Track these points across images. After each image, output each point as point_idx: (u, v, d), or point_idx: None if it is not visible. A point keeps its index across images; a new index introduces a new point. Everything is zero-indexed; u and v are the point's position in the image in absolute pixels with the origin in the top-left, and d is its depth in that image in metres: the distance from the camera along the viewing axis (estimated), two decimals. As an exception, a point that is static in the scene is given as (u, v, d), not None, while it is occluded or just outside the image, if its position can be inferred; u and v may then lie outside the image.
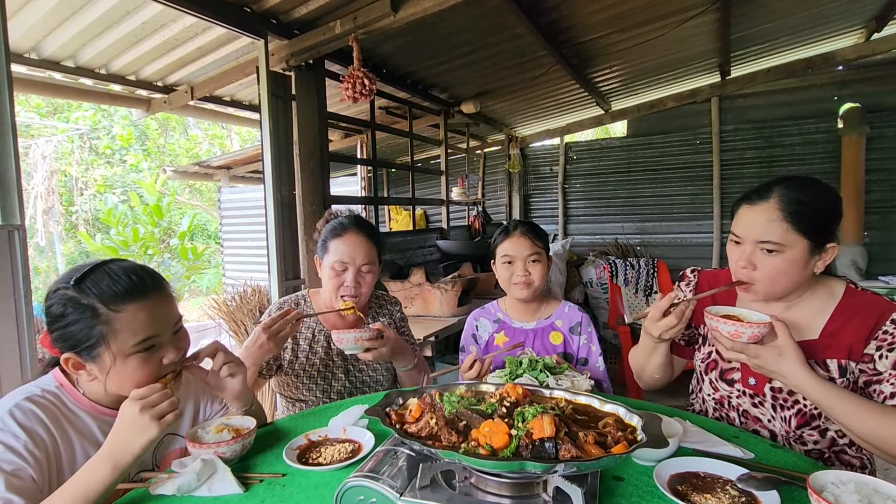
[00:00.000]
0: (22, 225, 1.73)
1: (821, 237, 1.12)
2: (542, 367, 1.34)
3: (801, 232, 1.10)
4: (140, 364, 0.99)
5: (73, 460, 1.00)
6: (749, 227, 1.16)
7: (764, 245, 1.13)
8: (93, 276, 0.98)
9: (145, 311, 0.99)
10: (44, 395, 1.01)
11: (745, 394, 1.27)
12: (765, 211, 1.14)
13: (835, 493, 0.79)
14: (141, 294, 0.99)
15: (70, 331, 0.96)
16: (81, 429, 1.03)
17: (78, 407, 1.04)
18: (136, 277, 1.01)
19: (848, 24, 3.98)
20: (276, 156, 2.79)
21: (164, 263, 7.30)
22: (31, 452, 0.93)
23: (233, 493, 0.95)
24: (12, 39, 2.74)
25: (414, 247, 4.40)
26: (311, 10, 2.56)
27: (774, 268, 1.13)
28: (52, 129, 9.00)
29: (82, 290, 0.96)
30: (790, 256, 1.12)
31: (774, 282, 1.15)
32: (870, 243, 4.50)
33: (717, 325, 1.13)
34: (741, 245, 1.19)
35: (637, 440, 0.82)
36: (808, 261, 1.13)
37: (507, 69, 3.85)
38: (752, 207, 1.17)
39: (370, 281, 1.66)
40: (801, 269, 1.13)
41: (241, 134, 11.58)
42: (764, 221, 1.13)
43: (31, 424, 0.95)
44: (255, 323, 3.34)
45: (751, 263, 1.16)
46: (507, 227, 1.73)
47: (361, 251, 1.62)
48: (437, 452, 0.77)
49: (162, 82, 3.56)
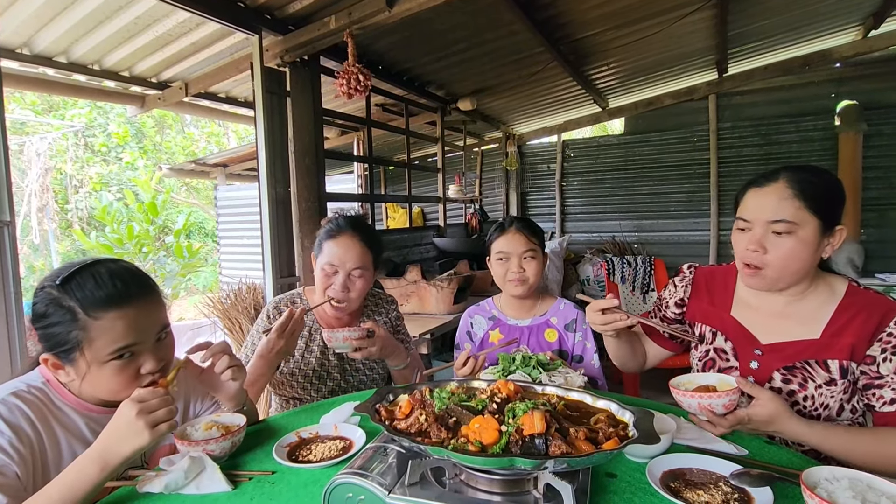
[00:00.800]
0: (12, 221, 1.71)
1: (831, 216, 1.10)
2: (535, 363, 1.33)
3: (813, 210, 1.09)
4: (116, 372, 0.98)
5: (59, 457, 0.99)
6: (759, 208, 1.14)
7: (776, 225, 1.11)
8: (79, 277, 0.96)
9: (125, 320, 0.96)
10: (29, 390, 1.00)
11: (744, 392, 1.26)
12: (775, 190, 1.12)
13: (828, 489, 0.78)
14: (122, 302, 0.97)
15: (50, 332, 0.96)
16: (68, 425, 1.02)
17: (64, 403, 1.03)
18: (121, 283, 0.98)
19: (845, 21, 3.97)
20: (271, 153, 2.78)
21: (160, 261, 7.28)
22: (16, 448, 0.91)
23: (221, 490, 0.94)
24: (3, 35, 2.71)
25: (410, 244, 4.39)
26: (306, 5, 2.54)
27: (787, 250, 1.10)
28: (47, 126, 8.95)
29: (66, 291, 0.95)
30: (803, 236, 1.09)
31: (786, 265, 1.12)
32: (867, 241, 4.51)
33: (682, 399, 1.07)
34: (750, 230, 1.16)
35: (629, 436, 0.81)
36: (819, 243, 1.11)
37: (504, 66, 3.84)
38: (761, 189, 1.15)
39: (361, 287, 1.60)
40: (813, 251, 1.11)
41: (237, 132, 11.54)
42: (775, 200, 1.11)
43: (15, 420, 0.94)
44: (251, 321, 3.33)
45: (762, 246, 1.13)
46: (503, 224, 1.72)
47: (353, 255, 1.57)
48: (426, 449, 0.76)
49: (156, 79, 3.54)
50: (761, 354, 1.23)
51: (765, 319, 1.24)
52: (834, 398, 1.15)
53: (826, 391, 1.15)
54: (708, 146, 5.21)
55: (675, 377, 1.16)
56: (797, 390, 1.18)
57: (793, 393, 1.18)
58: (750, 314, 1.27)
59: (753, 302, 1.27)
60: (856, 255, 4.30)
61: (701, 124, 5.27)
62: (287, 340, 1.43)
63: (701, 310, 1.36)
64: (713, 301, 1.34)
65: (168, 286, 6.98)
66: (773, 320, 1.23)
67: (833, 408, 1.16)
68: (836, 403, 1.15)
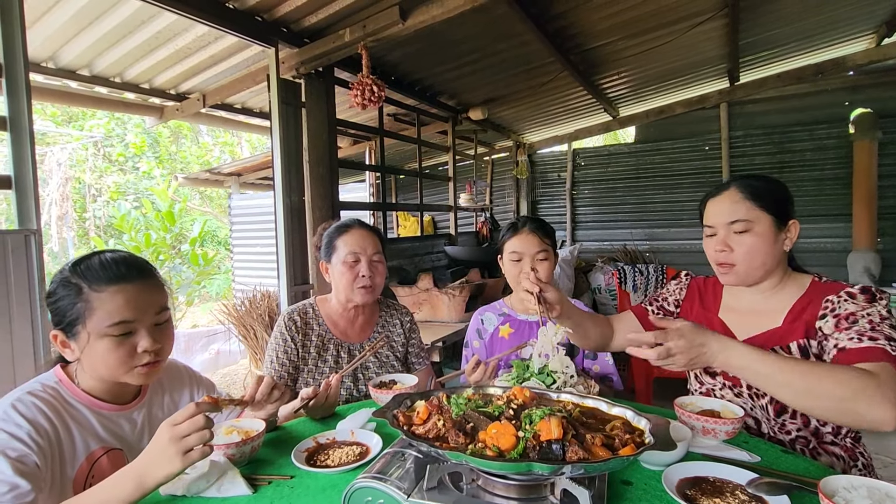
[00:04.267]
0: (38, 230, 1.77)
1: (781, 213, 1.23)
2: (549, 371, 1.34)
3: (763, 208, 1.22)
4: (113, 347, 1.02)
5: (74, 449, 1.04)
6: (718, 214, 1.29)
7: (734, 225, 1.24)
8: (88, 260, 1.06)
9: (124, 294, 1.03)
10: (44, 389, 1.05)
11: (726, 385, 1.31)
12: (727, 196, 1.27)
13: (846, 497, 0.78)
14: (123, 278, 1.04)
15: (57, 306, 1.03)
16: (81, 420, 1.07)
17: (76, 400, 1.07)
18: (124, 264, 1.06)
19: (858, 28, 3.96)
20: (286, 162, 2.83)
21: (175, 269, 7.38)
22: (35, 440, 0.96)
23: (241, 494, 0.96)
24: (31, 48, 2.80)
25: (422, 252, 4.41)
26: (321, 18, 2.60)
27: (748, 245, 1.23)
28: (67, 136, 9.18)
29: (75, 272, 1.04)
30: (759, 231, 1.22)
31: (751, 258, 1.23)
32: (883, 249, 4.45)
33: (686, 420, 1.12)
34: (715, 235, 1.29)
35: (645, 443, 0.82)
36: (776, 236, 1.23)
37: (514, 76, 3.88)
38: (717, 198, 1.30)
39: (382, 271, 1.69)
40: (772, 244, 1.22)
41: (251, 141, 11.72)
42: (729, 205, 1.26)
43: (33, 416, 0.99)
44: (265, 328, 3.37)
45: (727, 246, 1.26)
46: (516, 224, 1.73)
47: (370, 242, 1.67)
48: (444, 454, 0.77)
49: (175, 90, 3.62)
50: None
51: (743, 317, 1.33)
52: None
53: None
54: (720, 154, 5.19)
55: (680, 398, 1.22)
56: None
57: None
58: (732, 315, 1.35)
59: (734, 304, 1.36)
60: (872, 263, 4.24)
61: (713, 133, 5.26)
62: (313, 410, 1.35)
63: (693, 312, 1.45)
64: (703, 305, 1.44)
65: (183, 293, 7.06)
66: (749, 317, 1.31)
67: None
68: None
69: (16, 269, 1.69)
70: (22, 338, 1.68)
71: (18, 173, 1.74)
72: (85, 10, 2.48)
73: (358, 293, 1.64)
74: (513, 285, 1.74)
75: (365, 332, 1.77)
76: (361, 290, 1.64)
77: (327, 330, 1.71)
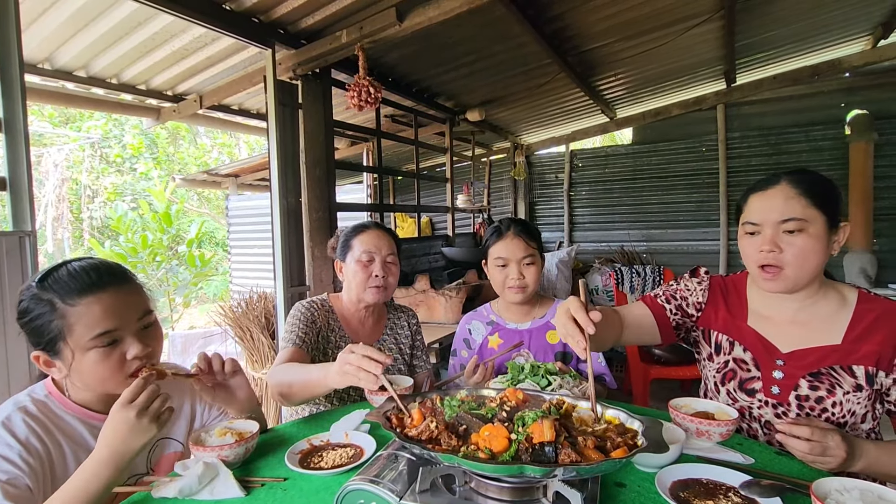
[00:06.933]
0: (33, 231, 1.76)
1: (834, 213, 1.13)
2: (543, 372, 1.34)
3: (818, 207, 1.11)
4: (100, 358, 0.99)
5: (66, 467, 1.01)
6: (767, 210, 1.15)
7: (786, 224, 1.12)
8: (55, 273, 1.01)
9: (100, 304, 0.99)
10: (34, 403, 1.02)
11: (768, 404, 1.22)
12: (780, 191, 1.14)
13: (839, 499, 0.78)
14: (95, 288, 1.00)
15: (33, 326, 0.99)
16: (72, 434, 1.04)
17: (67, 412, 1.05)
18: (94, 273, 1.02)
19: (854, 30, 3.97)
20: (283, 164, 2.82)
21: (173, 270, 7.36)
22: (26, 461, 0.94)
23: (234, 496, 0.95)
24: (27, 50, 2.79)
25: (419, 254, 4.41)
26: (318, 20, 2.60)
27: (800, 247, 1.11)
28: (64, 137, 9.15)
29: (44, 287, 0.99)
30: (813, 232, 1.11)
31: (805, 262, 1.12)
32: (879, 250, 4.46)
33: (681, 422, 1.10)
34: (759, 233, 1.17)
35: (638, 445, 0.82)
36: (829, 239, 1.12)
37: (512, 77, 3.88)
38: (765, 192, 1.17)
39: (395, 273, 1.71)
40: (825, 247, 1.12)
41: (248, 143, 11.71)
42: (782, 200, 1.13)
43: (24, 434, 0.97)
44: (262, 330, 3.36)
45: (777, 246, 1.13)
46: (500, 228, 1.69)
47: (385, 243, 1.69)
48: (436, 456, 0.77)
49: (172, 91, 3.62)
50: (784, 364, 1.21)
51: (781, 328, 1.23)
52: (860, 404, 1.14)
53: (853, 397, 1.14)
54: (717, 156, 5.20)
55: (674, 399, 1.19)
56: (825, 396, 1.16)
57: (821, 399, 1.16)
58: (766, 324, 1.26)
59: (766, 311, 1.26)
60: (868, 264, 4.25)
61: (709, 134, 5.27)
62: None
63: (718, 318, 1.33)
64: (730, 311, 1.32)
65: (180, 295, 7.05)
66: (790, 328, 1.22)
67: (859, 414, 1.15)
68: (861, 410, 1.14)
69: (10, 270, 1.68)
70: (16, 341, 1.67)
71: (13, 175, 1.73)
72: (81, 12, 2.47)
73: (369, 292, 1.65)
74: (499, 291, 1.71)
75: (375, 333, 1.77)
76: (373, 290, 1.65)
77: (340, 326, 1.71)
